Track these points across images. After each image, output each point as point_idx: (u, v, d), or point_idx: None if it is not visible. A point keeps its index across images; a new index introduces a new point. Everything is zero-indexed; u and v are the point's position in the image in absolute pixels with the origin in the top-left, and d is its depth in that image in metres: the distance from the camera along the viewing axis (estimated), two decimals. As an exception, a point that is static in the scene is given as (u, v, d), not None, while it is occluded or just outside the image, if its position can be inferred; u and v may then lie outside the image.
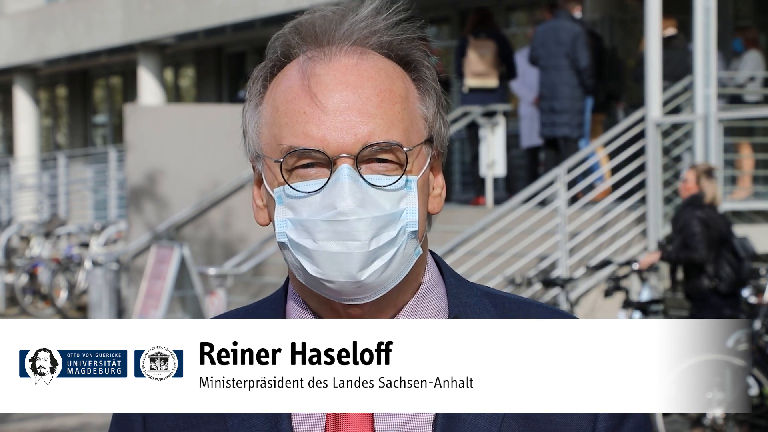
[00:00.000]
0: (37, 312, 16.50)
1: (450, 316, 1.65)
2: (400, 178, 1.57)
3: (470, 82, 12.98)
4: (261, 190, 1.65)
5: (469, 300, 1.67)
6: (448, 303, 1.66)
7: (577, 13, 12.44)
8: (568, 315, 1.69)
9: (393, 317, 1.63)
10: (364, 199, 1.54)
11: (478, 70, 12.93)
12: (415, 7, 1.65)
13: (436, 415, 1.59)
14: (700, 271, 8.78)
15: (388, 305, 1.62)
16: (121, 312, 13.97)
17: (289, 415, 1.61)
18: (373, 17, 1.60)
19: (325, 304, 1.62)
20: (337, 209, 1.53)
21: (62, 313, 15.93)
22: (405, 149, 1.57)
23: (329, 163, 1.55)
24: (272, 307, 1.69)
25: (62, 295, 16.25)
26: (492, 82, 12.99)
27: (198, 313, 12.05)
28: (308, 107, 1.56)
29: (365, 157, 1.55)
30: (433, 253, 1.70)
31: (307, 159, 1.56)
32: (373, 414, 1.59)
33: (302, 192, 1.56)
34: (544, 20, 12.85)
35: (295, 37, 1.60)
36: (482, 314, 1.66)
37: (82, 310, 16.05)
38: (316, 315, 1.64)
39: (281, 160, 1.57)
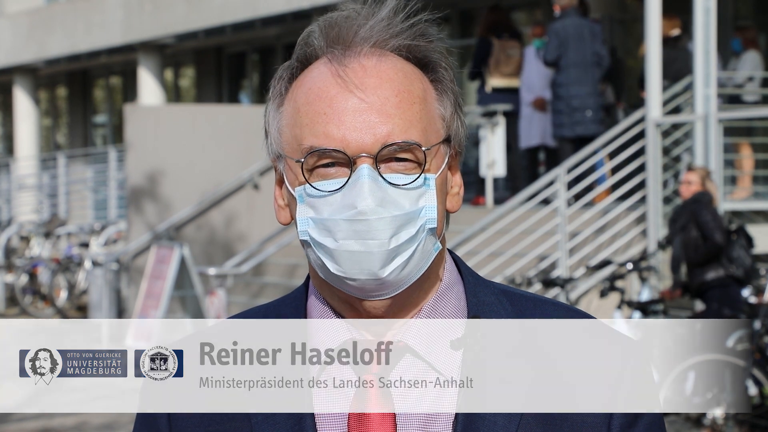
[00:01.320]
0: (37, 312, 16.48)
1: (469, 315, 1.66)
2: (418, 177, 1.58)
3: (496, 82, 13.00)
4: (282, 189, 1.67)
5: (487, 298, 1.68)
6: (467, 301, 1.67)
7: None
8: (585, 314, 1.69)
9: (413, 316, 1.64)
10: (384, 198, 1.56)
11: (507, 71, 12.98)
12: (418, 6, 1.66)
13: (457, 412, 1.59)
14: (714, 261, 8.86)
15: (409, 303, 1.63)
16: (121, 312, 13.95)
17: (312, 412, 1.62)
18: (391, 19, 1.62)
19: (345, 302, 1.63)
20: (358, 208, 1.55)
21: (62, 313, 15.91)
22: (423, 148, 1.59)
23: (349, 162, 1.57)
24: (293, 304, 1.70)
25: (62, 295, 16.23)
26: (517, 82, 13.05)
27: (198, 313, 12.04)
28: (328, 108, 1.58)
29: (384, 157, 1.57)
30: (451, 252, 1.71)
31: (327, 159, 1.58)
32: (395, 412, 1.60)
33: (323, 191, 1.58)
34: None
35: (318, 39, 1.63)
36: (500, 312, 1.67)
37: (82, 310, 16.04)
38: (337, 312, 1.65)
39: (302, 159, 1.59)
